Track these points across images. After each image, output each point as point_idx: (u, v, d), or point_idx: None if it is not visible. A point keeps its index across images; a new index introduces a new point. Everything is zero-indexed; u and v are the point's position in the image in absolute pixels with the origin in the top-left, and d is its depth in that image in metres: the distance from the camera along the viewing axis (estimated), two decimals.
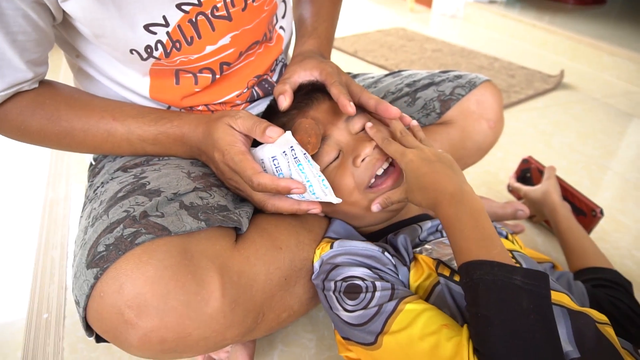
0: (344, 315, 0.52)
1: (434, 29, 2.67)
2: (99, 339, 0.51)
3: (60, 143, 0.62)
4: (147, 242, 0.47)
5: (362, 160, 0.59)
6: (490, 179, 1.19)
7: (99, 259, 0.46)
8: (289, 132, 0.55)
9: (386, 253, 0.57)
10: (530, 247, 0.93)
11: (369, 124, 0.61)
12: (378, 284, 0.51)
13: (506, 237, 0.67)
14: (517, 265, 0.57)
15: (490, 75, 1.86)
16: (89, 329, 0.50)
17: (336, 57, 2.07)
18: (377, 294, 0.51)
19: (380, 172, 0.59)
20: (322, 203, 0.59)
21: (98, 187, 0.63)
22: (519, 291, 0.42)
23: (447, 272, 0.54)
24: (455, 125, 0.79)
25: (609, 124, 1.51)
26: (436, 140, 0.80)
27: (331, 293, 0.55)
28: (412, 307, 0.49)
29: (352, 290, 0.52)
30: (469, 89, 0.78)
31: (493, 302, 0.42)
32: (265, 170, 0.57)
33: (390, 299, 0.50)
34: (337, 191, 0.59)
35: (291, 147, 0.56)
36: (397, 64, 1.97)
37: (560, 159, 1.29)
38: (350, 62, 2.04)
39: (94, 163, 0.74)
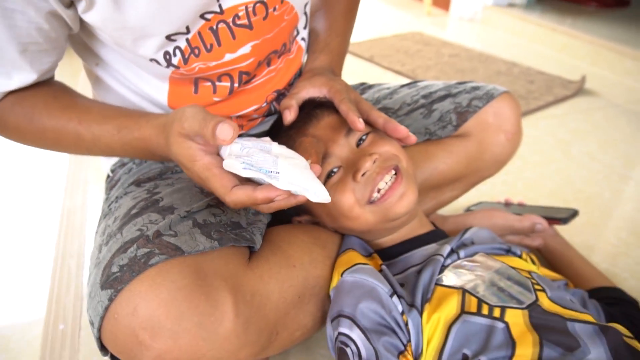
0: None
1: (452, 33, 2.65)
2: (113, 358, 0.51)
3: (37, 142, 0.60)
4: (160, 263, 0.47)
5: (362, 175, 0.58)
6: (507, 189, 1.16)
7: (113, 280, 0.47)
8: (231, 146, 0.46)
9: (394, 298, 0.54)
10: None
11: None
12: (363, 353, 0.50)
13: (520, 257, 0.65)
14: (539, 288, 0.56)
15: (508, 81, 1.83)
16: (103, 349, 0.50)
17: (352, 62, 2.07)
18: None
19: (382, 185, 0.58)
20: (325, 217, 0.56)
21: (112, 202, 0.63)
22: None
23: (474, 308, 0.52)
24: (472, 138, 0.78)
25: (631, 131, 1.48)
26: (452, 152, 0.79)
27: (332, 343, 0.54)
28: None
29: (342, 358, 0.52)
30: (487, 100, 0.77)
31: None
32: (243, 162, 0.47)
33: None
34: (336, 207, 0.59)
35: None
36: (414, 70, 1.96)
37: (580, 168, 1.26)
38: (366, 68, 2.03)
39: (110, 174, 0.74)
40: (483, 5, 2.77)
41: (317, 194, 0.46)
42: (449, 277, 0.57)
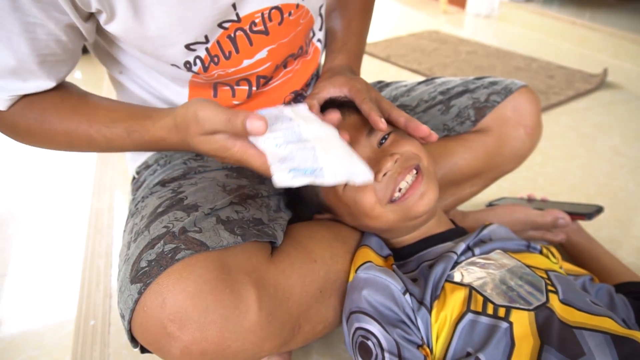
0: None
1: (468, 30, 2.63)
2: (143, 350, 0.53)
3: (49, 144, 0.61)
4: (186, 258, 0.49)
5: (384, 175, 0.58)
6: (528, 185, 1.16)
7: (142, 275, 0.48)
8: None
9: (407, 295, 0.55)
10: None
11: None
12: (387, 356, 0.51)
13: (540, 252, 0.65)
14: (552, 289, 0.55)
15: (527, 76, 1.81)
16: (133, 341, 0.52)
17: (369, 62, 2.07)
18: None
19: (404, 185, 0.58)
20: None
21: (139, 201, 0.66)
22: None
23: (479, 306, 0.52)
24: (491, 133, 0.78)
25: None
26: (471, 148, 0.79)
27: (349, 339, 0.55)
28: None
29: (363, 351, 0.53)
30: (505, 95, 0.77)
31: None
32: (289, 170, 0.48)
33: None
34: (358, 206, 0.60)
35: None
36: (431, 68, 1.95)
37: (604, 162, 1.24)
38: (383, 67, 2.03)
39: (136, 176, 0.77)
40: (500, 1, 2.75)
41: (360, 175, 0.47)
42: (460, 274, 0.57)
